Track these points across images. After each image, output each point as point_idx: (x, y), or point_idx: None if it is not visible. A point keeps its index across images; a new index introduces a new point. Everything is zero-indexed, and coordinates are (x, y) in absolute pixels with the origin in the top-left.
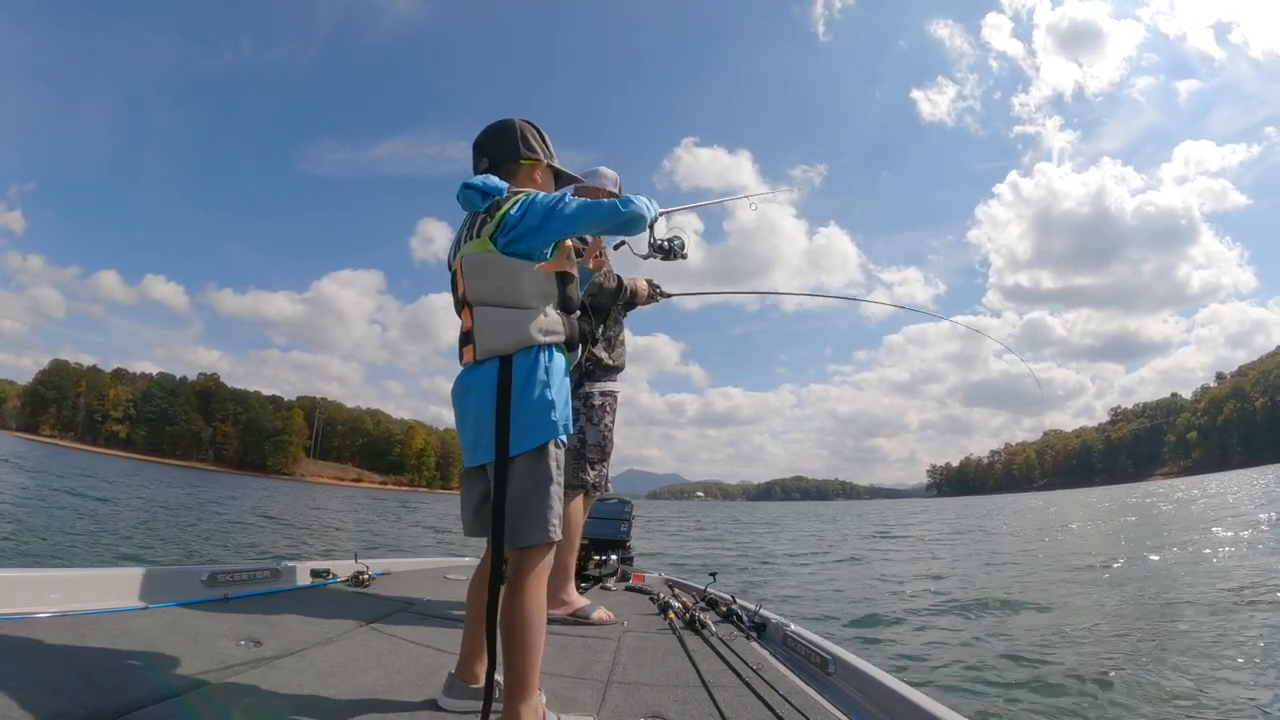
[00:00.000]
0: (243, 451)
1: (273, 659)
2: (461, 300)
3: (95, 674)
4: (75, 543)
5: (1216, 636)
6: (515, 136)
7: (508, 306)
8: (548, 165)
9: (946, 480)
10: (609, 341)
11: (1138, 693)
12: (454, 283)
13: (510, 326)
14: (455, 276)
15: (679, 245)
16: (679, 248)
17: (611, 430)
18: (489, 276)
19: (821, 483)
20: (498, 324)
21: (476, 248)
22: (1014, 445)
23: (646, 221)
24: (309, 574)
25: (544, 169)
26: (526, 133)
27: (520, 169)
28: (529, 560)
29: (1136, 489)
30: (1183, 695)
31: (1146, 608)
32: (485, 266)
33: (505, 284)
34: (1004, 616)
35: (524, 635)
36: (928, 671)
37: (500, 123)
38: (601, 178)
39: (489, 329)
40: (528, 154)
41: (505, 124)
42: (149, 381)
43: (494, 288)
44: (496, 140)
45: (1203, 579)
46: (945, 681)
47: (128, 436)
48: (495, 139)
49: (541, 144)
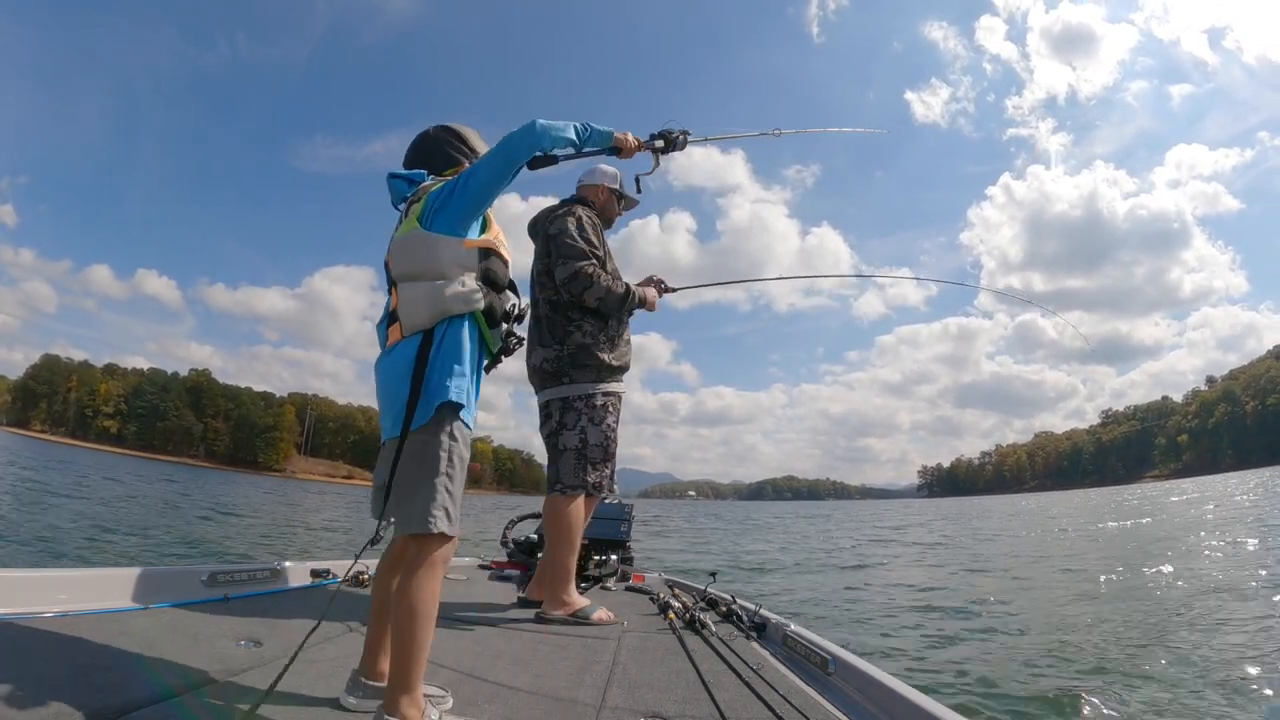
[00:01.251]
0: (234, 448)
1: (273, 659)
2: (391, 283)
3: (95, 674)
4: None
5: (1213, 630)
6: (437, 146)
7: (428, 279)
8: None
9: (937, 481)
10: (611, 340)
11: (1137, 692)
12: (386, 270)
13: (429, 297)
14: (387, 265)
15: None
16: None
17: (614, 431)
18: (411, 252)
19: (813, 482)
20: (417, 296)
21: (405, 229)
22: (1005, 447)
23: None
24: (309, 574)
25: None
26: (446, 140)
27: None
28: (422, 549)
29: (1133, 490)
30: (1181, 694)
31: (1145, 608)
32: (409, 243)
33: (425, 256)
34: (1004, 617)
35: (409, 625)
36: (928, 671)
37: (421, 137)
38: (600, 174)
39: (410, 303)
40: (457, 157)
41: (425, 137)
42: (140, 377)
43: (415, 261)
44: (426, 154)
45: (1200, 578)
46: (945, 681)
47: (119, 432)
48: (425, 153)
49: (465, 146)
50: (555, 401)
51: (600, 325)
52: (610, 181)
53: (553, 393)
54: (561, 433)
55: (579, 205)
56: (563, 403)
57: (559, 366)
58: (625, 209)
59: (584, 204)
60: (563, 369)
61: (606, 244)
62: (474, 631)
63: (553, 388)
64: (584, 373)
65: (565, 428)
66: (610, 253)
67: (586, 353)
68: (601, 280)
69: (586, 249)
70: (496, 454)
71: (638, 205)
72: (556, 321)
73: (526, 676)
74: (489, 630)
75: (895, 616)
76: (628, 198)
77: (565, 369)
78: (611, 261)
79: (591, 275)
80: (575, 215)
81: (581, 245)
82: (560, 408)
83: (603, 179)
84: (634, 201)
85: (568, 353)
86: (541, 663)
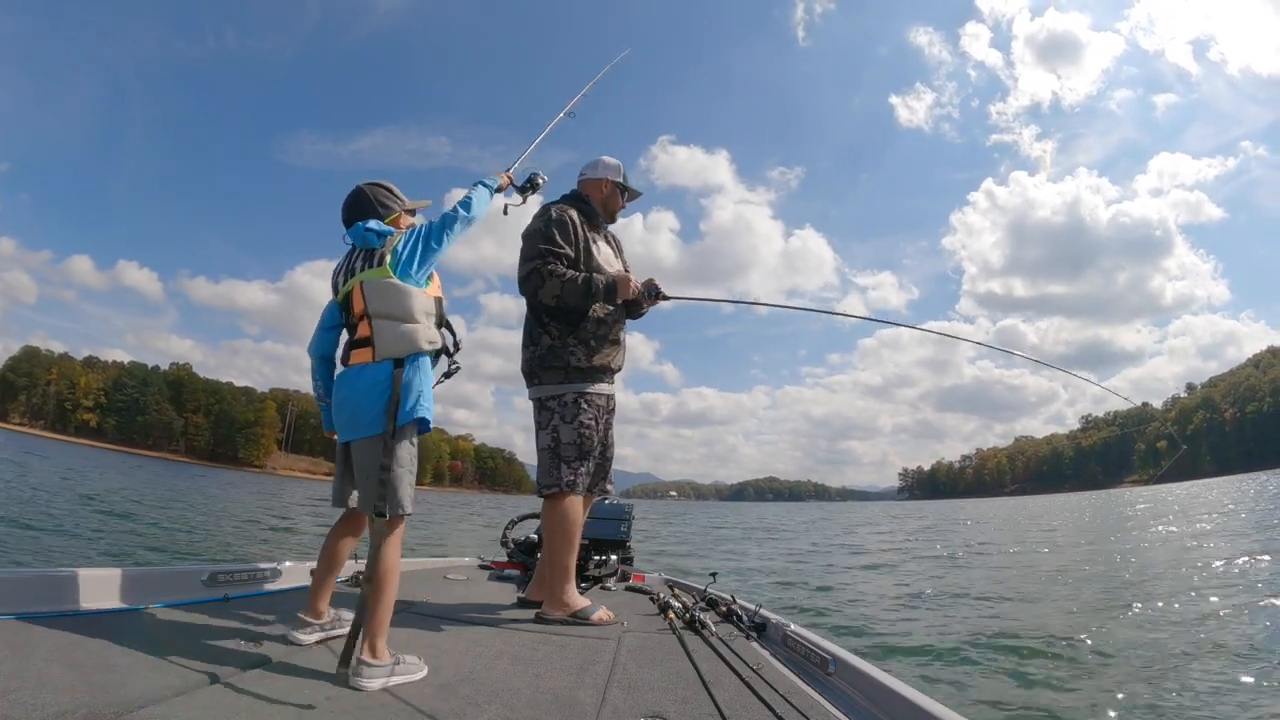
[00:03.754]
0: (214, 443)
1: (273, 659)
2: (361, 315)
3: (95, 674)
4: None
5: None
6: (371, 201)
7: (403, 321)
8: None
9: (918, 483)
10: (584, 343)
11: (1136, 691)
12: (349, 300)
13: (406, 337)
14: (352, 296)
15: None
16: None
17: (590, 430)
18: (387, 297)
19: (794, 484)
20: (395, 334)
21: (377, 274)
22: (985, 450)
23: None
24: (309, 574)
25: (406, 216)
26: (378, 195)
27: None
28: (391, 526)
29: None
30: (1183, 692)
31: (1146, 607)
32: (384, 289)
33: (400, 303)
34: (1003, 617)
35: (385, 584)
36: (928, 671)
37: (356, 194)
38: (603, 167)
39: (388, 338)
40: (393, 208)
41: (358, 194)
42: (120, 370)
43: (392, 305)
44: (361, 210)
45: (1193, 577)
46: (946, 682)
47: (98, 426)
48: (362, 209)
49: (393, 197)
50: (534, 402)
51: (569, 328)
52: (613, 175)
53: (531, 393)
54: (538, 433)
55: (561, 203)
56: (538, 403)
57: (531, 368)
58: (629, 200)
59: (575, 199)
60: (534, 370)
61: (589, 239)
62: (474, 631)
63: (531, 388)
64: (551, 374)
65: (540, 427)
66: (597, 248)
67: (554, 354)
68: (554, 277)
69: (545, 248)
70: (478, 452)
71: (641, 196)
72: (531, 324)
73: (526, 676)
74: (489, 630)
75: (895, 617)
76: (630, 190)
77: (536, 370)
78: (595, 258)
79: (544, 274)
80: (546, 215)
81: (540, 245)
82: (536, 408)
83: (605, 172)
84: (636, 193)
85: (538, 354)
86: (541, 663)
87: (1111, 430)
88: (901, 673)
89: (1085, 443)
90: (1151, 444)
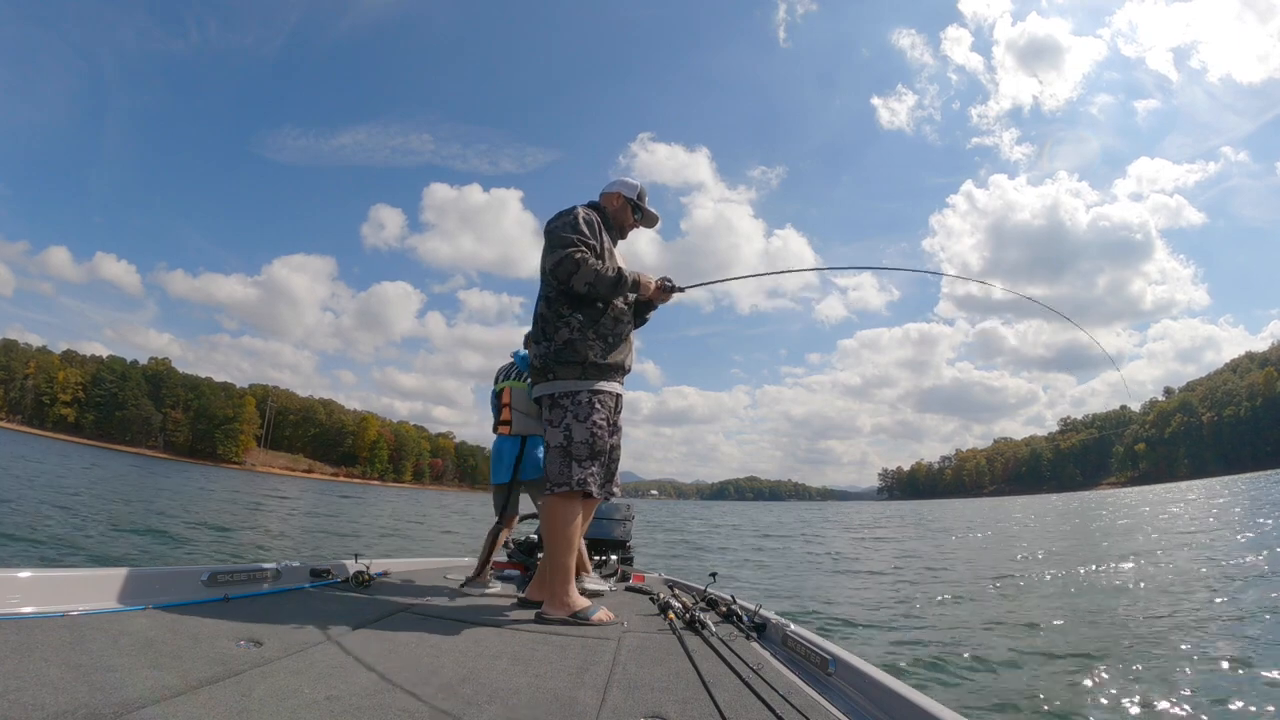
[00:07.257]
0: (193, 439)
1: (273, 659)
2: (508, 405)
3: (95, 674)
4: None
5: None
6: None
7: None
8: None
9: (898, 484)
10: (603, 338)
11: (1134, 690)
12: (499, 398)
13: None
14: (501, 395)
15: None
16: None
17: (602, 429)
18: (522, 401)
19: (775, 483)
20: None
21: (520, 385)
22: (965, 451)
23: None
24: (309, 574)
25: None
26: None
27: None
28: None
29: (1089, 497)
30: (1184, 692)
31: (1146, 607)
32: (521, 395)
33: (526, 406)
34: (1003, 617)
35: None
36: (928, 672)
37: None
38: (620, 184)
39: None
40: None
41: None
42: (99, 364)
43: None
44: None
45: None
46: (946, 681)
47: (76, 420)
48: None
49: None
50: (545, 398)
51: (590, 322)
52: (628, 192)
53: (542, 389)
54: (548, 430)
55: (584, 206)
56: (550, 400)
57: (545, 363)
58: (642, 222)
59: (593, 207)
60: (549, 365)
61: (607, 243)
62: (474, 631)
63: (542, 384)
64: (568, 369)
65: (551, 425)
66: (612, 253)
67: (572, 349)
68: (589, 264)
69: (576, 238)
70: (459, 450)
71: (659, 221)
72: (549, 318)
73: (526, 677)
74: (489, 630)
75: (895, 617)
76: (646, 212)
77: (551, 365)
78: (612, 260)
79: (578, 260)
80: (573, 212)
81: (570, 235)
82: (549, 405)
83: (620, 188)
84: (651, 216)
85: (554, 349)
86: (541, 663)
87: (1090, 433)
88: (901, 673)
89: (1064, 445)
90: (1129, 447)
